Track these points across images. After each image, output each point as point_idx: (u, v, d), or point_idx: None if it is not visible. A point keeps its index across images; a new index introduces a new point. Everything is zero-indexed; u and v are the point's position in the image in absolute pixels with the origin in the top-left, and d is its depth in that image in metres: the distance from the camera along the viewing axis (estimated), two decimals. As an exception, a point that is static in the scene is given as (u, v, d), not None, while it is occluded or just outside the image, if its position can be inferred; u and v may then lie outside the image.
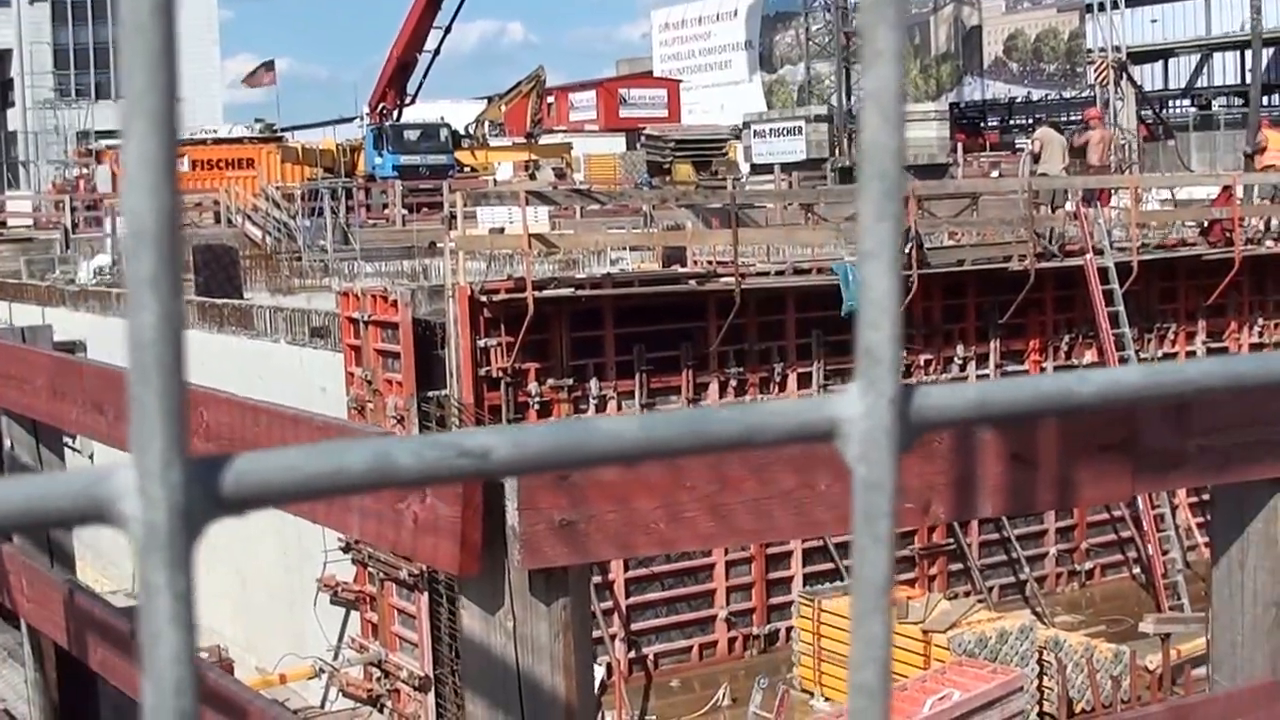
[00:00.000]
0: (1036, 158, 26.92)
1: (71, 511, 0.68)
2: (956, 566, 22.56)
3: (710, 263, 22.85)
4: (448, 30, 53.84)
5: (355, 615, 21.04)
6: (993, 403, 0.84)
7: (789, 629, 20.51)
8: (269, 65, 70.79)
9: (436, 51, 54.37)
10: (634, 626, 20.51)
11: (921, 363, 22.75)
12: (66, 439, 7.27)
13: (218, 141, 56.64)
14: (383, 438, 0.92)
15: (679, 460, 4.02)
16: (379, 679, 20.22)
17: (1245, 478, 4.49)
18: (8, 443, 6.63)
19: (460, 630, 4.37)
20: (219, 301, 24.24)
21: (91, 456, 19.39)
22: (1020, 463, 4.14)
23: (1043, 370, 23.74)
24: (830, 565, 20.94)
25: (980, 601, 20.93)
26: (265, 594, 22.18)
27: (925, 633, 18.02)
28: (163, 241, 0.66)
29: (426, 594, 19.02)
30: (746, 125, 56.36)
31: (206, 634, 22.57)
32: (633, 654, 20.52)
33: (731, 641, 21.16)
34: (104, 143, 61.99)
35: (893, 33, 0.74)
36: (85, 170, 57.17)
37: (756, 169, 51.72)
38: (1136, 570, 23.79)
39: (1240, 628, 4.61)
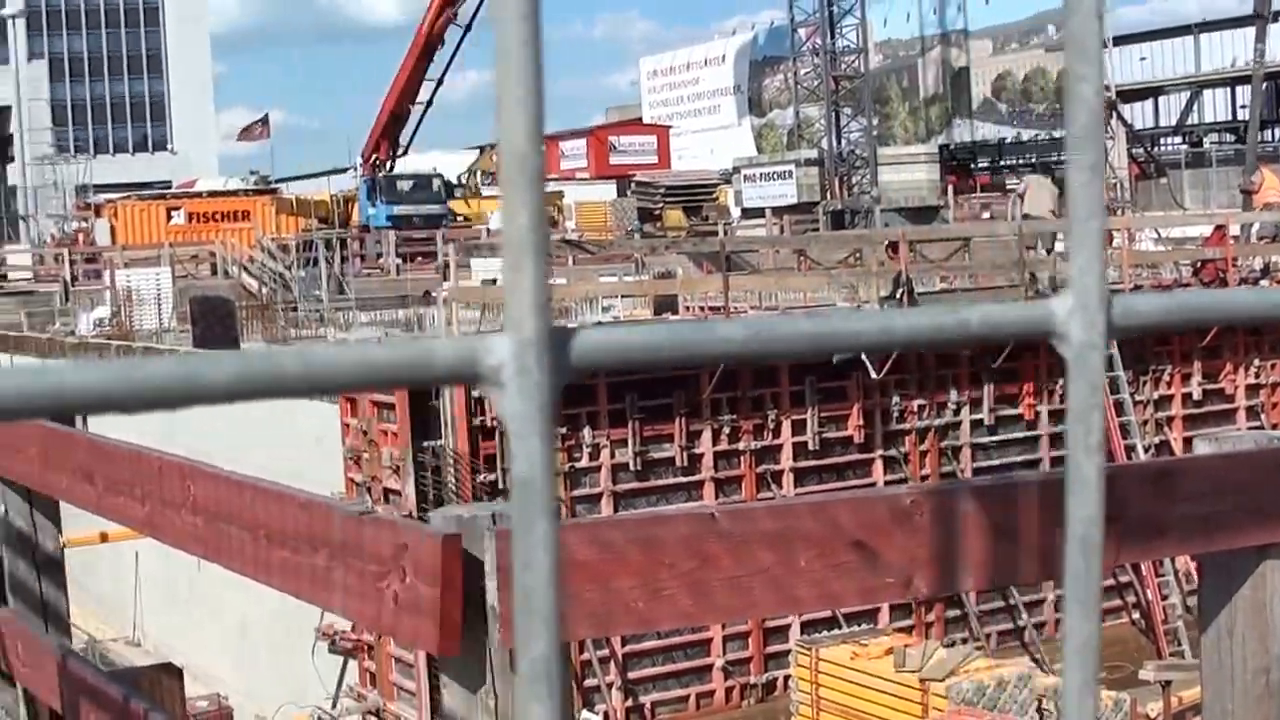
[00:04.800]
0: (1022, 198, 27.06)
1: (453, 371, 0.82)
2: (954, 613, 22.46)
3: (702, 309, 22.85)
4: (440, 81, 53.93)
5: (354, 664, 21.00)
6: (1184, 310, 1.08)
7: (786, 678, 20.40)
8: (264, 120, 71.17)
9: (429, 103, 54.43)
10: (630, 675, 20.43)
11: (915, 408, 22.67)
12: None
13: (213, 194, 56.85)
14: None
15: (657, 538, 4.00)
16: (376, 729, 20.18)
17: (1230, 545, 4.44)
18: (2, 508, 6.64)
19: (442, 709, 4.35)
20: (215, 353, 24.22)
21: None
22: (1002, 535, 4.10)
23: (1037, 414, 23.72)
24: (828, 613, 20.84)
25: (978, 649, 20.81)
26: (265, 643, 22.16)
27: (922, 681, 17.91)
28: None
29: (422, 647, 18.95)
30: (737, 170, 56.51)
31: (207, 682, 22.50)
32: (629, 702, 20.42)
33: (729, 691, 21.06)
34: (102, 196, 62.22)
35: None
36: (84, 224, 57.36)
37: (747, 213, 51.81)
38: (1136, 616, 23.67)
39: (1231, 695, 4.58)
